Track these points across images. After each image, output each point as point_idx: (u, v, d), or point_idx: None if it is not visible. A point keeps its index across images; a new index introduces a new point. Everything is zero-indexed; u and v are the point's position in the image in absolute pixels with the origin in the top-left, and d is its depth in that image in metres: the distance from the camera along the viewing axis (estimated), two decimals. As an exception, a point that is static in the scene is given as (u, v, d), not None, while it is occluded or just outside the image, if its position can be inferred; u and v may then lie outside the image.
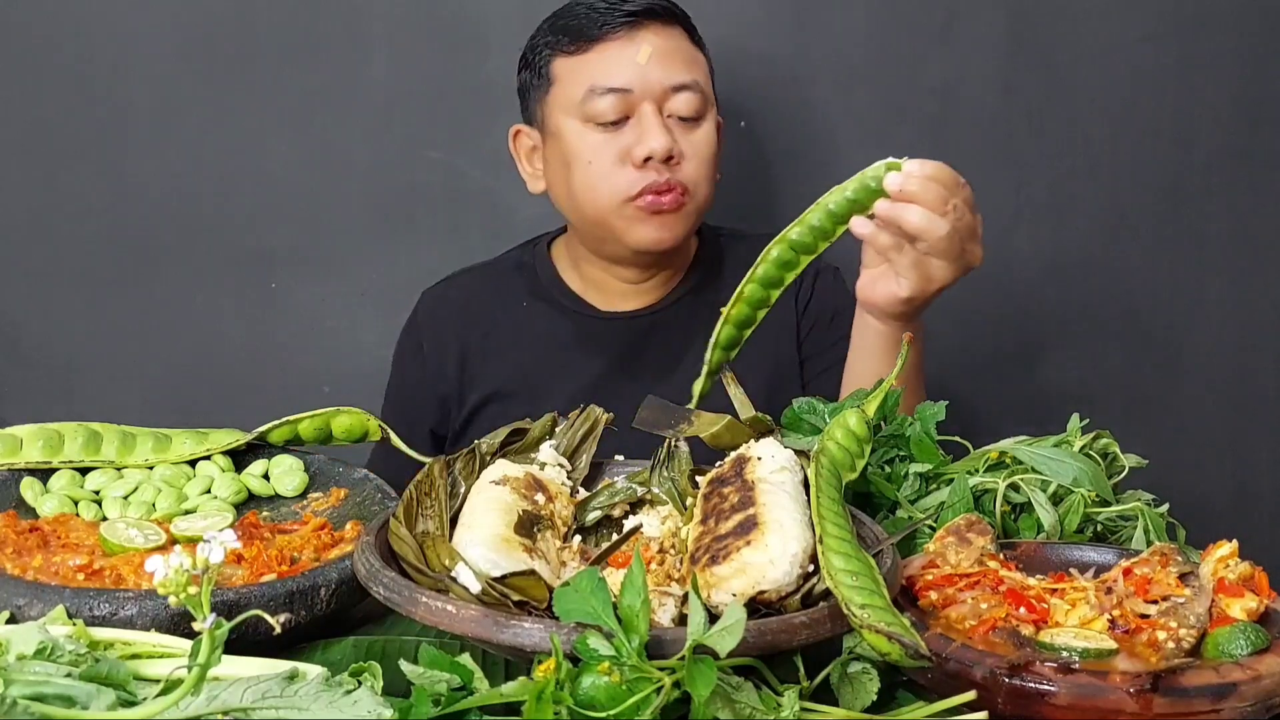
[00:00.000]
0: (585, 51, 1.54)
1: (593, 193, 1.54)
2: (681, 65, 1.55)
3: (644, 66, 1.52)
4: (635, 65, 1.52)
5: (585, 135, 1.53)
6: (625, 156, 1.52)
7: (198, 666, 0.71)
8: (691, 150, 1.55)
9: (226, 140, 1.87)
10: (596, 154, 1.53)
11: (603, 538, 1.08)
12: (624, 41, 1.53)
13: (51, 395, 1.91)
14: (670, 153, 1.51)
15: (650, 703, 0.75)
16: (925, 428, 1.21)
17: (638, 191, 1.51)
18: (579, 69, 1.54)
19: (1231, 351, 2.02)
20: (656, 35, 1.54)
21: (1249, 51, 1.94)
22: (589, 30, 1.54)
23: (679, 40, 1.57)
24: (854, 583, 0.87)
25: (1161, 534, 1.14)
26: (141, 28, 1.85)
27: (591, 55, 1.53)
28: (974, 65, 1.92)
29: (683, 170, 1.54)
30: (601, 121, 1.52)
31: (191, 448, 1.21)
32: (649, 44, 1.53)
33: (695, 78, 1.55)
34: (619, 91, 1.51)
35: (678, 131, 1.53)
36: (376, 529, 0.98)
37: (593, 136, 1.53)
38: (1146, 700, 0.82)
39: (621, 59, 1.52)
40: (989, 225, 2.02)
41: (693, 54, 1.58)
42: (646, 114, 1.51)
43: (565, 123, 1.55)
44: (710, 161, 1.57)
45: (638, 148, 1.51)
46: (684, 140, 1.54)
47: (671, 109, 1.53)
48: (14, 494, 1.14)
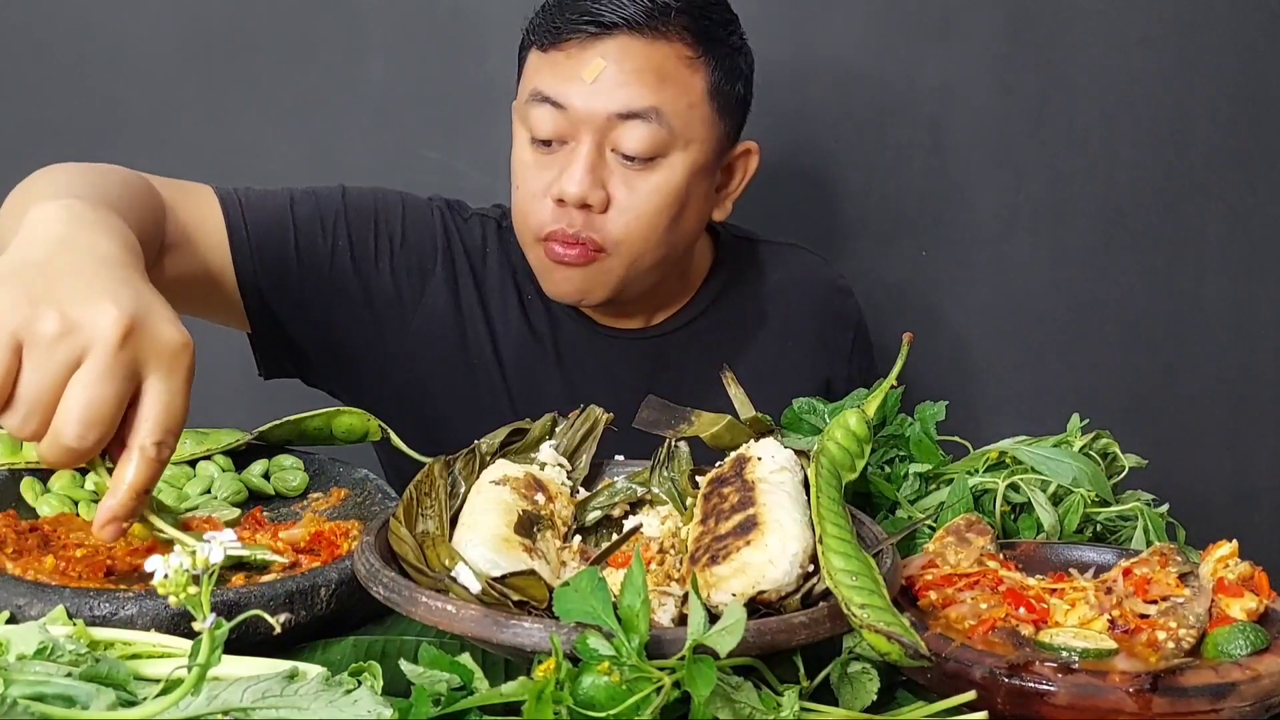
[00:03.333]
0: (548, 50, 1.33)
1: (516, 219, 1.37)
2: (643, 88, 1.29)
3: (589, 85, 1.29)
4: (581, 82, 1.29)
5: (522, 149, 1.35)
6: (547, 190, 1.31)
7: (198, 666, 0.71)
8: (628, 199, 1.31)
9: (225, 140, 1.87)
10: (525, 178, 1.34)
11: (603, 538, 1.08)
12: (581, 50, 1.30)
13: (51, 395, 1.91)
14: (586, 200, 1.29)
15: (650, 703, 0.75)
16: (925, 428, 1.21)
17: (544, 234, 1.32)
18: (538, 67, 1.34)
19: (1231, 351, 2.02)
20: (623, 51, 1.29)
21: (1247, 52, 1.94)
22: (559, 28, 1.31)
23: (657, 59, 1.30)
24: (854, 583, 0.87)
25: (1161, 534, 1.14)
26: (140, 28, 1.85)
27: (551, 56, 1.32)
28: (973, 65, 1.92)
29: (607, 222, 1.31)
30: (536, 136, 1.32)
31: (191, 448, 1.20)
32: (604, 58, 1.28)
33: (656, 105, 1.28)
34: (554, 105, 1.30)
35: (620, 173, 1.30)
36: (376, 529, 0.98)
37: (527, 154, 1.34)
38: (1146, 700, 0.82)
39: (570, 69, 1.30)
40: (989, 225, 2.03)
41: (675, 76, 1.30)
42: (580, 145, 1.30)
43: (516, 126, 1.37)
44: (656, 213, 1.32)
45: (554, 184, 1.30)
46: (621, 186, 1.31)
47: (615, 143, 1.30)
48: (14, 494, 1.14)
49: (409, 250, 1.42)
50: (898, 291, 1.84)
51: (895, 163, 1.94)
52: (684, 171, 1.33)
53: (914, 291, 1.96)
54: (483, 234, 1.47)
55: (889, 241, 1.97)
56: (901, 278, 1.96)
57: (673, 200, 1.33)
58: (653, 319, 1.50)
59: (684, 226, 1.38)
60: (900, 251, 1.98)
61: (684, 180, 1.33)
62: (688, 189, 1.34)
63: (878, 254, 1.96)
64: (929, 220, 1.97)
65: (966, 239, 1.97)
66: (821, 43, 1.90)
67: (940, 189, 1.96)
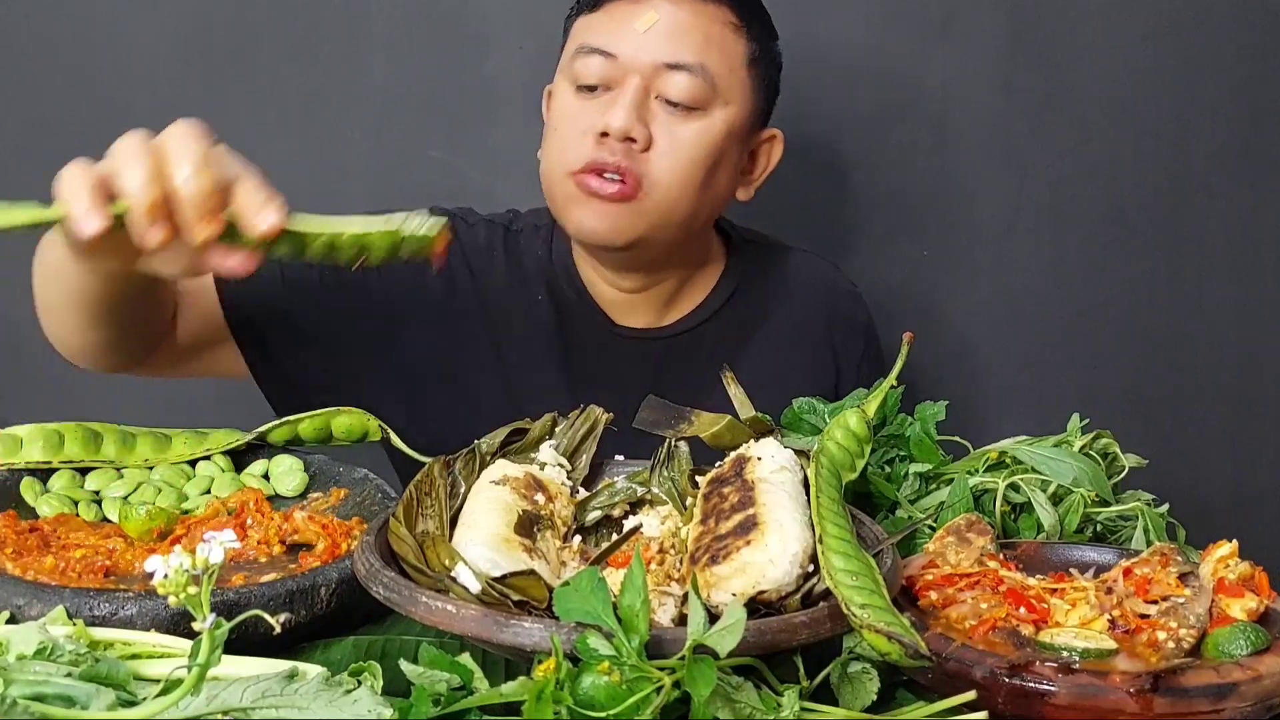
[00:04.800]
0: (597, 10, 1.38)
1: (548, 162, 1.38)
2: (691, 44, 1.34)
3: (640, 35, 1.34)
4: (632, 31, 1.34)
5: (565, 98, 1.38)
6: (589, 130, 1.34)
7: (198, 666, 0.71)
8: (669, 143, 1.35)
9: (226, 140, 1.86)
10: (564, 121, 1.37)
11: (603, 538, 1.08)
12: (632, 4, 1.36)
13: (51, 395, 1.91)
14: (630, 133, 1.32)
15: (650, 703, 0.75)
16: (925, 428, 1.21)
17: (580, 165, 1.34)
18: (586, 26, 1.39)
19: (1232, 351, 2.02)
20: (675, 4, 1.35)
21: (1249, 51, 1.94)
22: None
23: (706, 19, 1.36)
24: (854, 583, 0.87)
25: (1161, 534, 1.14)
26: (141, 28, 1.85)
27: (600, 15, 1.38)
28: (974, 65, 1.92)
29: (649, 161, 1.34)
30: (581, 84, 1.35)
31: (191, 448, 1.21)
32: (658, 12, 1.34)
33: (703, 61, 1.34)
34: (603, 55, 1.34)
35: (662, 117, 1.35)
36: (376, 529, 0.98)
37: (570, 101, 1.37)
38: (1146, 700, 0.82)
39: (623, 21, 1.35)
40: (991, 224, 2.03)
41: (721, 39, 1.37)
42: (626, 88, 1.33)
43: (559, 84, 1.40)
44: (693, 163, 1.36)
45: (599, 119, 1.33)
46: (664, 129, 1.34)
47: (661, 90, 1.34)
48: (14, 494, 1.14)
49: None
50: (899, 291, 1.84)
51: (897, 162, 1.94)
52: (723, 126, 1.37)
53: (915, 291, 1.96)
54: (488, 236, 1.48)
55: (890, 241, 1.97)
56: (902, 278, 1.96)
57: (711, 151, 1.37)
58: (662, 319, 1.50)
59: (714, 188, 1.40)
60: (901, 251, 1.97)
61: (722, 135, 1.37)
62: (724, 145, 1.38)
63: (879, 254, 1.96)
64: (930, 220, 1.97)
65: (968, 239, 1.97)
66: (823, 42, 1.90)
67: (942, 189, 1.96)
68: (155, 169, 0.91)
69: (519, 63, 1.87)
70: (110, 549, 1.04)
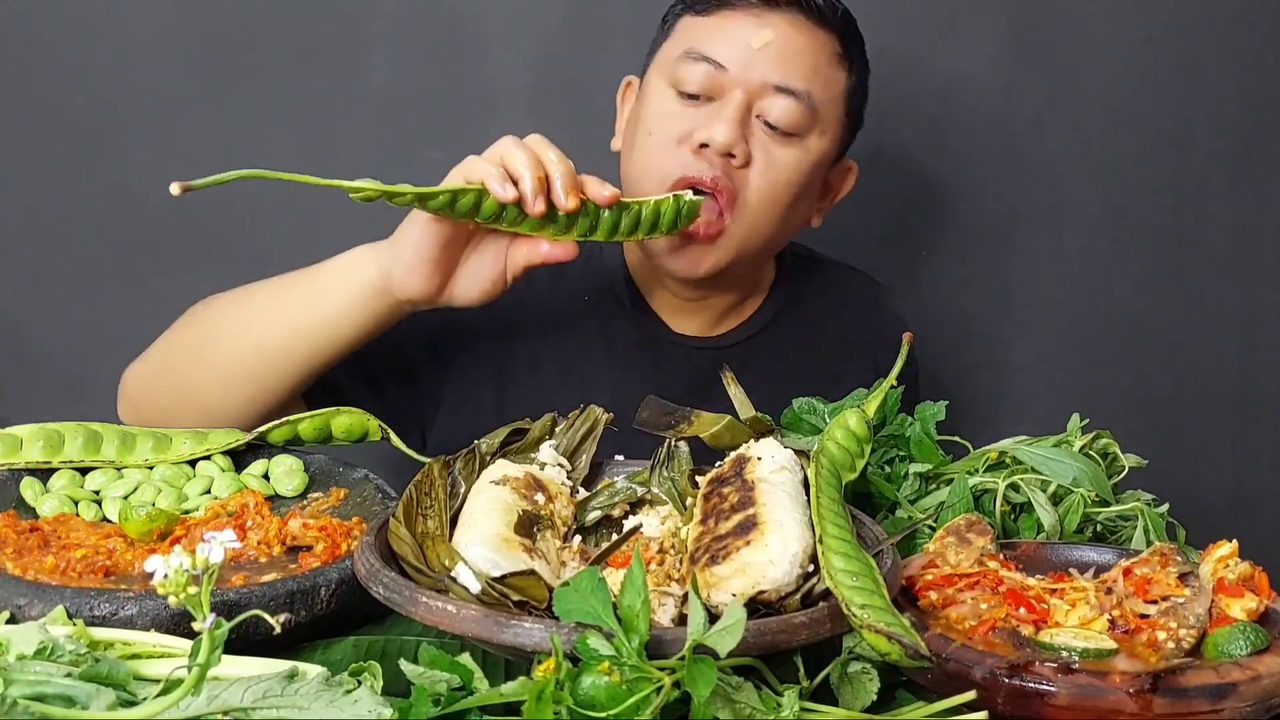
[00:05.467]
0: (709, 14, 1.35)
1: (639, 164, 1.36)
2: (801, 69, 1.33)
3: (754, 51, 1.32)
4: (746, 46, 1.32)
5: (663, 100, 1.35)
6: (687, 138, 1.32)
7: (198, 666, 0.71)
8: (765, 163, 1.33)
9: (227, 140, 1.87)
10: (660, 125, 1.34)
11: (603, 538, 1.08)
12: (751, 19, 1.33)
13: (51, 395, 1.91)
14: (732, 149, 1.30)
15: (650, 703, 0.75)
16: (925, 428, 1.21)
17: (678, 176, 1.31)
18: (693, 29, 1.36)
19: (1232, 351, 2.02)
20: (792, 26, 1.33)
21: (1249, 52, 1.94)
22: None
23: (817, 46, 1.35)
24: (854, 583, 0.87)
25: (1161, 534, 1.14)
26: (141, 28, 1.85)
27: (714, 19, 1.35)
28: (975, 65, 1.92)
29: (745, 179, 1.32)
30: (683, 90, 1.33)
31: (191, 448, 1.20)
32: (775, 30, 1.32)
33: (810, 88, 1.33)
34: (712, 64, 1.32)
35: (760, 137, 1.33)
36: (376, 529, 0.98)
37: (668, 104, 1.35)
38: (1146, 700, 0.82)
39: (737, 34, 1.33)
40: (991, 225, 2.03)
41: (827, 68, 1.36)
42: (730, 101, 1.31)
43: (655, 82, 1.37)
44: (785, 187, 1.34)
45: (700, 130, 1.31)
46: (761, 149, 1.33)
47: (763, 110, 1.32)
48: (14, 494, 1.14)
49: None
50: (899, 291, 1.84)
51: (897, 163, 1.94)
52: (815, 155, 1.37)
53: (915, 291, 1.96)
54: None
55: (890, 241, 1.97)
56: (903, 278, 1.96)
57: (801, 178, 1.36)
58: (715, 328, 1.49)
59: (796, 215, 1.40)
60: (901, 251, 1.97)
61: (813, 163, 1.37)
62: (812, 174, 1.38)
63: (879, 254, 1.96)
64: (931, 220, 1.97)
65: (968, 239, 1.97)
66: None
67: (942, 189, 1.96)
68: (534, 156, 1.16)
69: (519, 63, 1.87)
70: (110, 549, 1.04)
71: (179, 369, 1.31)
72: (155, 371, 1.33)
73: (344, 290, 1.23)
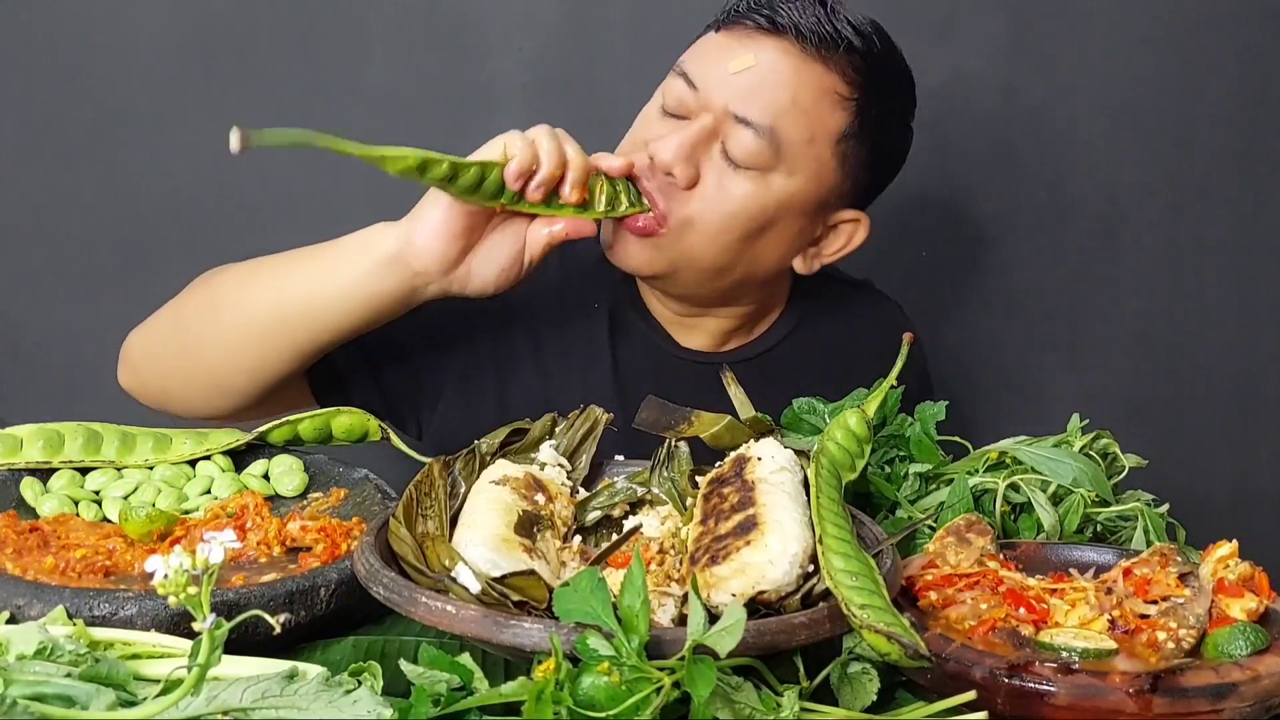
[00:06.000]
0: (720, 31, 1.32)
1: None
2: (769, 102, 1.26)
3: (730, 75, 1.27)
4: (723, 69, 1.28)
5: (651, 107, 1.34)
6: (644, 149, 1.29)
7: (198, 666, 0.71)
8: (715, 190, 1.27)
9: (226, 142, 1.87)
10: (637, 128, 1.34)
11: (603, 538, 1.08)
12: (739, 42, 1.29)
13: (51, 395, 1.91)
14: (670, 170, 1.26)
15: (650, 703, 0.75)
16: (925, 428, 1.21)
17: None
18: (698, 45, 1.34)
19: (1232, 351, 2.02)
20: (782, 56, 1.27)
21: (1249, 52, 1.94)
22: (738, 13, 1.31)
23: (805, 81, 1.27)
24: (854, 583, 0.87)
25: (1161, 534, 1.14)
26: (140, 28, 1.85)
27: (716, 37, 1.32)
28: (974, 65, 1.92)
29: (687, 201, 1.27)
30: (664, 106, 1.31)
31: (191, 448, 1.21)
32: (758, 57, 1.27)
33: (775, 124, 1.26)
34: (688, 83, 1.29)
35: (717, 162, 1.27)
36: (376, 529, 0.98)
37: (652, 109, 1.33)
38: (1146, 701, 0.82)
39: (721, 54, 1.29)
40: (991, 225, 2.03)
41: (813, 106, 1.27)
42: (693, 124, 1.27)
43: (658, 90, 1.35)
44: (731, 217, 1.28)
45: (654, 143, 1.28)
46: (715, 173, 1.27)
47: (724, 137, 1.27)
48: (14, 494, 1.14)
49: None
50: (898, 291, 1.83)
51: (896, 163, 1.94)
52: (777, 195, 1.29)
53: (915, 292, 1.96)
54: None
55: (890, 241, 1.97)
56: (902, 278, 1.96)
57: (753, 215, 1.29)
58: (723, 344, 1.46)
59: (758, 252, 1.33)
60: (901, 252, 1.97)
61: (774, 203, 1.29)
62: (773, 214, 1.30)
63: (878, 254, 1.96)
64: (930, 221, 1.97)
65: (968, 239, 1.97)
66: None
67: (941, 189, 1.96)
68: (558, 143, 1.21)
69: (518, 64, 1.87)
70: (110, 549, 1.04)
71: (187, 331, 1.30)
72: (163, 334, 1.33)
73: (361, 259, 1.23)
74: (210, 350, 1.27)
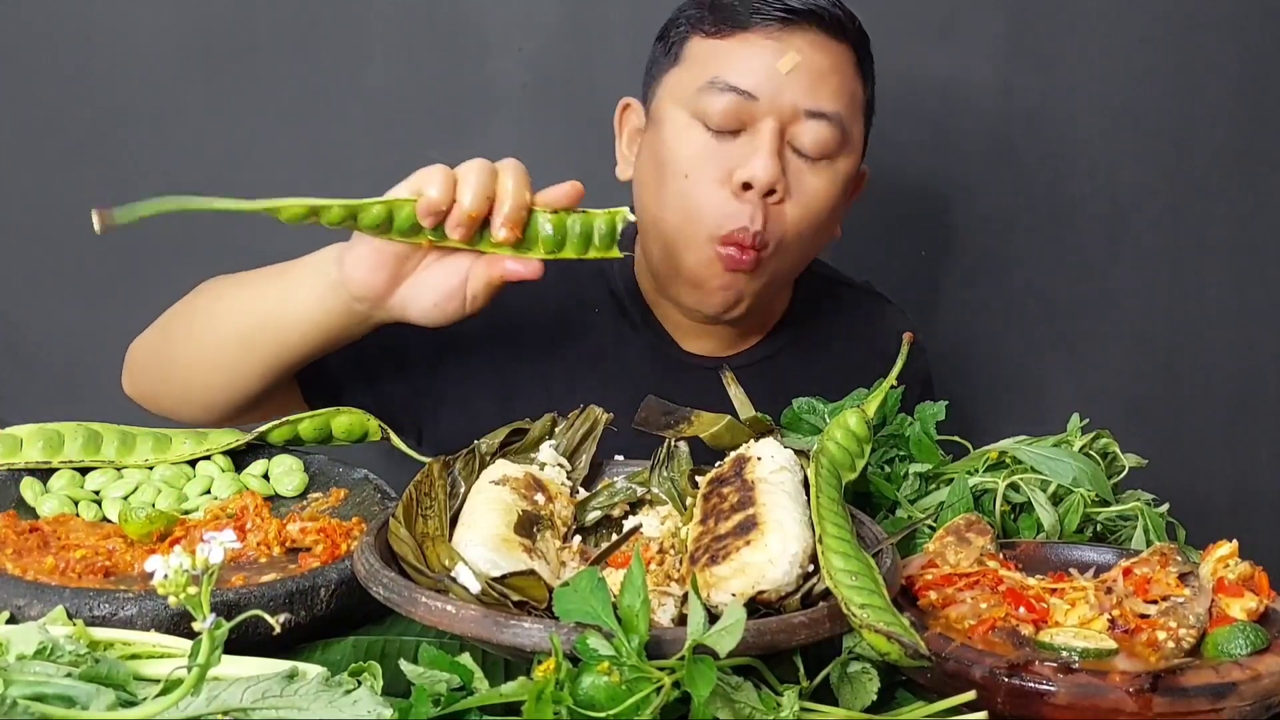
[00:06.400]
0: (726, 37, 1.30)
1: (678, 212, 1.30)
2: (830, 90, 1.29)
3: (782, 76, 1.27)
4: (773, 71, 1.27)
5: (688, 136, 1.30)
6: (727, 178, 1.27)
7: (198, 666, 0.71)
8: (801, 194, 1.29)
9: (226, 140, 1.87)
10: (697, 167, 1.28)
11: (603, 538, 1.08)
12: (772, 40, 1.28)
13: (51, 395, 1.91)
14: (774, 187, 1.26)
15: (650, 703, 0.75)
16: (925, 428, 1.21)
17: (726, 234, 1.27)
18: (711, 55, 1.30)
19: (1231, 351, 2.02)
20: (813, 46, 1.29)
21: (1248, 52, 1.94)
22: (739, 14, 1.29)
23: (839, 62, 1.31)
24: (854, 583, 0.87)
25: (1161, 534, 1.14)
26: (141, 28, 1.85)
27: (731, 43, 1.29)
28: (973, 65, 1.92)
29: (784, 214, 1.28)
30: (710, 125, 1.28)
31: (191, 448, 1.21)
32: (799, 52, 1.28)
33: (839, 110, 1.29)
34: (742, 94, 1.27)
35: (794, 165, 1.29)
36: (376, 529, 0.98)
37: (696, 140, 1.29)
38: (1146, 700, 0.82)
39: (761, 58, 1.28)
40: (990, 225, 2.03)
41: (851, 84, 1.32)
42: (763, 132, 1.27)
43: (673, 113, 1.32)
44: (820, 214, 1.30)
45: (740, 169, 1.26)
46: (797, 179, 1.29)
47: (795, 137, 1.28)
48: (14, 494, 1.14)
49: None
50: (898, 291, 1.83)
51: (896, 162, 1.94)
52: (845, 175, 1.33)
53: (914, 291, 1.96)
54: None
55: (889, 241, 1.97)
56: (901, 277, 1.96)
57: (834, 201, 1.32)
58: (731, 348, 1.45)
59: (824, 236, 1.37)
60: (900, 251, 1.98)
61: (844, 183, 1.33)
62: (842, 194, 1.34)
63: (877, 253, 1.96)
64: (929, 220, 1.97)
65: (967, 239, 1.97)
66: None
67: (941, 188, 1.96)
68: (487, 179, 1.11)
69: (517, 64, 1.87)
70: (110, 549, 1.04)
71: (171, 346, 1.30)
72: (152, 346, 1.33)
73: (309, 283, 1.20)
74: (189, 367, 1.28)
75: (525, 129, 1.88)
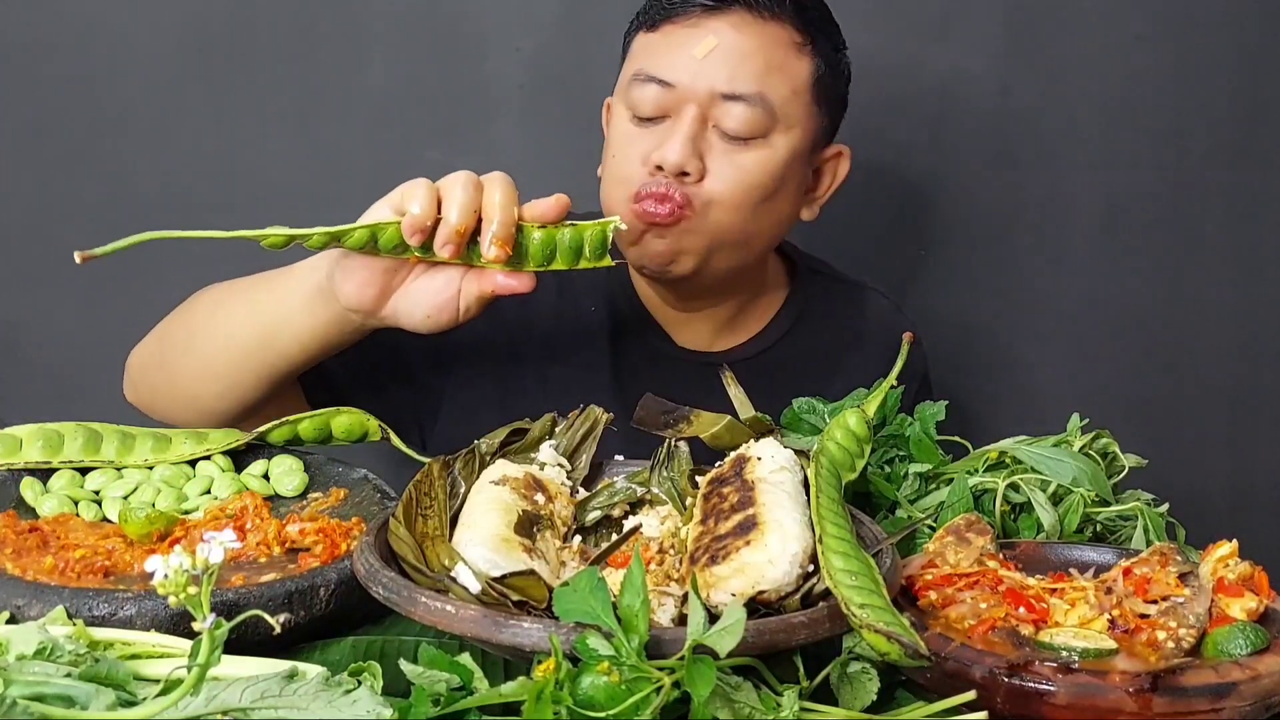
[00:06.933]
0: (657, 29, 1.35)
1: (605, 186, 1.37)
2: (749, 72, 1.31)
3: (698, 62, 1.31)
4: (690, 58, 1.31)
5: (622, 124, 1.35)
6: (645, 159, 1.32)
7: (197, 666, 0.71)
8: (722, 172, 1.32)
9: (225, 140, 1.87)
10: (622, 148, 1.34)
11: (603, 538, 1.08)
12: (692, 28, 1.32)
13: (51, 395, 1.91)
14: (684, 169, 1.30)
15: (650, 703, 0.75)
16: (925, 428, 1.21)
17: (636, 192, 1.31)
18: (643, 48, 1.36)
19: (1231, 351, 2.02)
20: (736, 29, 1.32)
21: (1246, 51, 1.94)
22: (665, 6, 1.34)
23: (766, 42, 1.33)
24: (853, 583, 0.87)
25: (1161, 534, 1.14)
26: (140, 28, 1.85)
27: (656, 36, 1.35)
28: (972, 64, 1.92)
29: (701, 188, 1.31)
30: (639, 114, 1.33)
31: (191, 448, 1.20)
32: (717, 36, 1.31)
33: (762, 90, 1.31)
34: (661, 84, 1.31)
35: (720, 147, 1.32)
36: (376, 529, 0.98)
37: (627, 127, 1.35)
38: (1146, 700, 0.82)
39: (683, 46, 1.32)
40: (989, 224, 2.03)
41: (783, 63, 1.33)
42: (684, 118, 1.31)
43: (617, 106, 1.38)
44: (750, 188, 1.33)
45: (655, 151, 1.31)
46: (719, 160, 1.31)
47: (719, 120, 1.31)
48: (14, 494, 1.14)
49: None
50: (897, 291, 1.84)
51: (894, 162, 1.94)
52: (784, 152, 1.34)
53: (914, 291, 1.96)
54: None
55: (888, 241, 1.97)
56: (901, 277, 1.96)
57: (769, 178, 1.34)
58: (721, 342, 1.47)
59: (775, 211, 1.38)
60: (900, 251, 1.98)
61: (784, 160, 1.34)
62: (785, 169, 1.35)
63: (877, 253, 1.96)
64: (929, 220, 1.97)
65: (967, 239, 1.97)
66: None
67: (940, 188, 1.96)
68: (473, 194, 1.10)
69: (516, 64, 1.87)
70: (110, 549, 1.04)
71: (170, 356, 1.31)
72: (150, 353, 1.34)
73: (300, 292, 1.21)
74: (185, 375, 1.28)
75: (523, 129, 1.88)
